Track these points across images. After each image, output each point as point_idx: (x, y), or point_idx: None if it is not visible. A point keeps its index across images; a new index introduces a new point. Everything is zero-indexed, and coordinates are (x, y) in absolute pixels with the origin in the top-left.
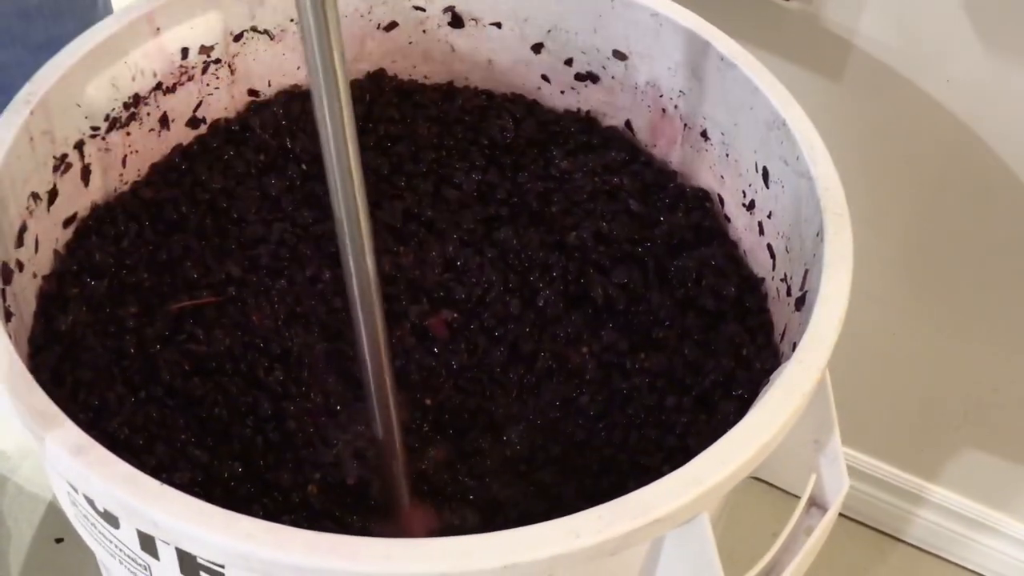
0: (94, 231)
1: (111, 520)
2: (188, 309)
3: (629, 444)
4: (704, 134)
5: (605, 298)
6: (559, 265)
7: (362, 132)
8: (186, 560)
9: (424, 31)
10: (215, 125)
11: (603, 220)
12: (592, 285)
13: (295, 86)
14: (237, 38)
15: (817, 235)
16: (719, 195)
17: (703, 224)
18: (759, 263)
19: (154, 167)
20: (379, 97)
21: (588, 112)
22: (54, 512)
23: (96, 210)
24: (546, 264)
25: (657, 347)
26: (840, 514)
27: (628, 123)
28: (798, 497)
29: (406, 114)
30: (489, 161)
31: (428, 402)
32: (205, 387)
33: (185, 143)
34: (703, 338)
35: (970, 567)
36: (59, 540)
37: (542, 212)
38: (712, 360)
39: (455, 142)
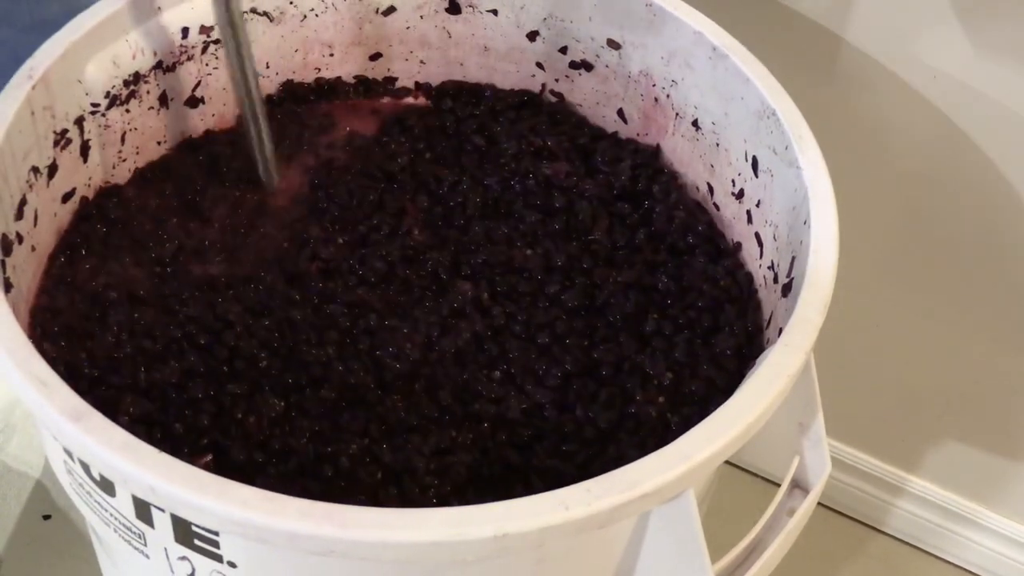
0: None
1: (107, 487)
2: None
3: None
4: (695, 123)
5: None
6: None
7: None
8: (181, 527)
9: (421, 16)
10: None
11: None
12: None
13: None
14: None
15: (804, 223)
16: (708, 183)
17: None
18: (748, 252)
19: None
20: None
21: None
22: (42, 489)
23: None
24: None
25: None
26: (820, 504)
27: (620, 111)
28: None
29: None
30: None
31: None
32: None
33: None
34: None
35: (949, 559)
36: (47, 517)
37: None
38: (694, 291)
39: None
